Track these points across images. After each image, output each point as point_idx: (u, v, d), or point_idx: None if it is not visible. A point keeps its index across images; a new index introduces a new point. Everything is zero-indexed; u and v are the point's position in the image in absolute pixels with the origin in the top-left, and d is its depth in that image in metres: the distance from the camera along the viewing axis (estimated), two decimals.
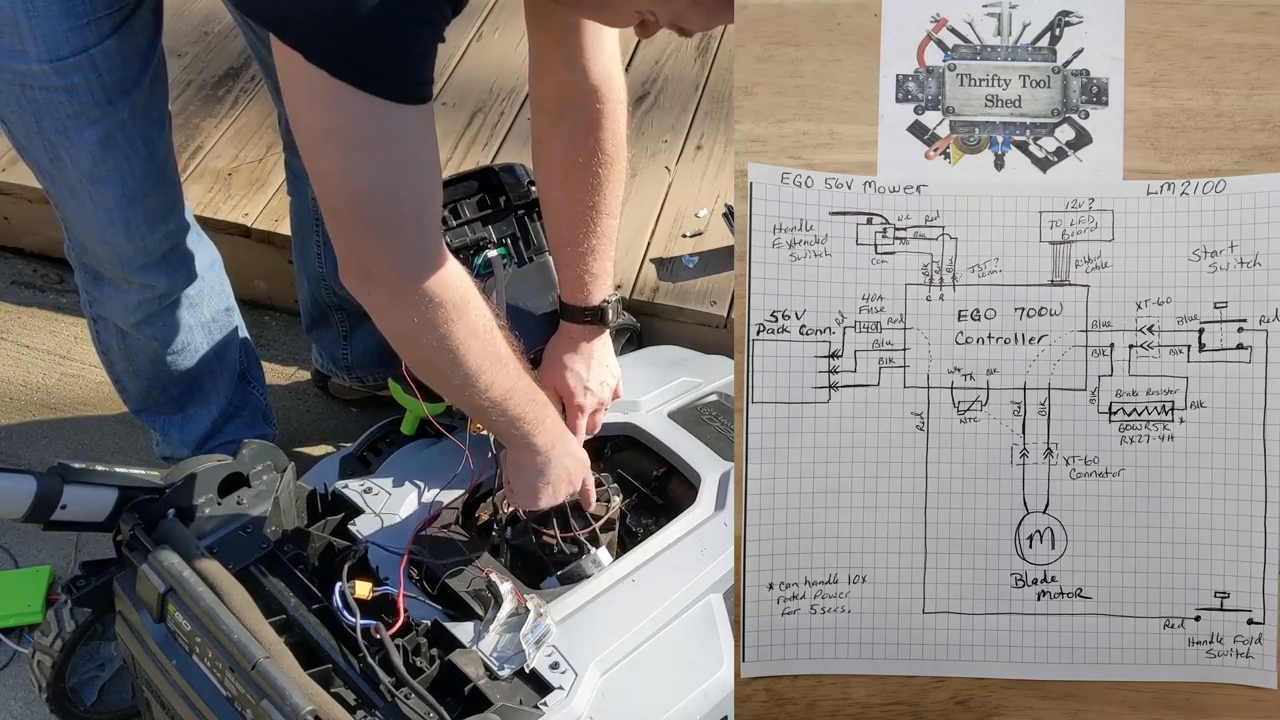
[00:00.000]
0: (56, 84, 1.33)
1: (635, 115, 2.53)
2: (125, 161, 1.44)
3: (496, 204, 1.66)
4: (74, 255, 1.60)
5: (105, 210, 1.47)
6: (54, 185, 1.47)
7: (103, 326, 1.67)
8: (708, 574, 1.45)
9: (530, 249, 1.66)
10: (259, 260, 2.08)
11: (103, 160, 1.42)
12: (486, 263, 1.61)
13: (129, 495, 1.34)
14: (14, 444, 2.05)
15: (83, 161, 1.41)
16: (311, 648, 1.26)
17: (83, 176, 1.43)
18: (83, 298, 1.67)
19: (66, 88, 1.34)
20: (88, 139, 1.39)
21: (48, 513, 1.29)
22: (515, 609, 1.32)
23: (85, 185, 1.44)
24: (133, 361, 1.70)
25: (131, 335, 1.65)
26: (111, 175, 1.44)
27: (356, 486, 1.50)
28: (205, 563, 1.25)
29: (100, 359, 1.74)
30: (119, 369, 1.73)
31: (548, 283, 1.63)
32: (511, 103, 2.54)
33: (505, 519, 1.49)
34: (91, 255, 1.56)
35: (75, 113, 1.37)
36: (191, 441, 1.79)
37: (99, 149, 1.41)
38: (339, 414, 2.14)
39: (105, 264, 1.55)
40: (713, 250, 2.20)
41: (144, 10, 1.39)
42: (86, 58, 1.33)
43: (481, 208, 1.65)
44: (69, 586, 1.40)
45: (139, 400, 1.78)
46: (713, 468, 1.58)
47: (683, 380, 1.78)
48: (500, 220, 1.65)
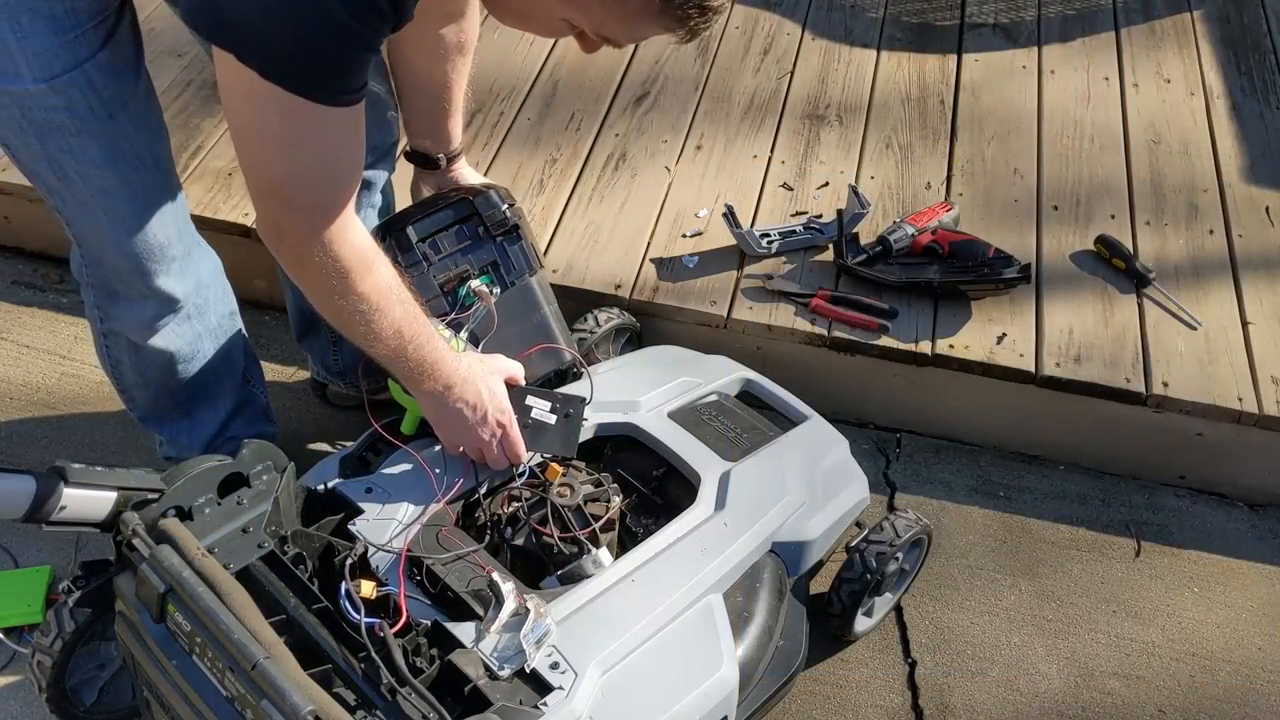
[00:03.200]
0: (56, 103, 1.34)
1: (635, 115, 2.54)
2: (133, 172, 1.44)
3: (475, 234, 1.67)
4: (87, 273, 1.59)
5: (121, 222, 1.47)
6: (64, 204, 1.46)
7: (114, 341, 1.66)
8: (708, 574, 1.46)
9: (511, 274, 1.68)
10: (259, 260, 2.07)
11: (111, 174, 1.42)
12: (470, 293, 1.63)
13: (128, 496, 1.34)
14: (14, 444, 2.05)
15: (92, 177, 1.41)
16: (311, 648, 1.26)
17: (94, 192, 1.43)
18: (93, 314, 1.66)
19: (66, 106, 1.34)
20: (93, 155, 1.39)
21: (47, 513, 1.29)
22: (515, 609, 1.32)
23: (97, 200, 1.44)
24: (144, 373, 1.70)
25: (145, 348, 1.65)
26: (122, 188, 1.44)
27: (356, 486, 1.50)
28: (205, 563, 1.24)
29: (108, 371, 1.73)
30: (128, 380, 1.73)
31: (530, 304, 1.68)
32: (511, 103, 2.54)
33: (505, 519, 1.49)
34: (109, 269, 1.55)
35: (78, 129, 1.37)
36: (199, 443, 1.80)
37: (106, 163, 1.41)
38: (339, 414, 2.14)
39: (123, 277, 1.55)
40: (712, 250, 2.20)
41: (125, 22, 1.39)
42: (81, 73, 1.33)
43: (460, 239, 1.67)
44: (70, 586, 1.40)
45: (146, 408, 1.78)
46: (713, 468, 1.58)
47: (683, 380, 1.78)
48: (479, 249, 1.67)
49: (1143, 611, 1.91)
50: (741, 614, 1.48)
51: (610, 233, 2.24)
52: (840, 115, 2.55)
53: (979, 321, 2.08)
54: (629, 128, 2.50)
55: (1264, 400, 1.98)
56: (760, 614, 1.50)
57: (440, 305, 1.64)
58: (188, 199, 1.65)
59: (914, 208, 2.29)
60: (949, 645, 1.84)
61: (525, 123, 2.50)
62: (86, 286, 1.61)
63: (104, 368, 1.74)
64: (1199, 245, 2.27)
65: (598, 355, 1.98)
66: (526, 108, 2.54)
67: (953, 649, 1.83)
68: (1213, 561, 1.99)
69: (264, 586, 1.32)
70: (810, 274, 2.16)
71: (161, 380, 1.71)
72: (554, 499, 1.49)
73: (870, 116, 2.55)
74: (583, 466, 1.57)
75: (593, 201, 2.32)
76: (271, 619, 1.23)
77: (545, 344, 1.69)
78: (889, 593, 1.83)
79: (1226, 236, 2.29)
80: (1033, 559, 1.98)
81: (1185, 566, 1.98)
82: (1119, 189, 2.38)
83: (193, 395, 1.76)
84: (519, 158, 2.41)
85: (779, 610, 1.53)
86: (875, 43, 2.78)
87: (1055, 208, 2.33)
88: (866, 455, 2.12)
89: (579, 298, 2.09)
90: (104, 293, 1.60)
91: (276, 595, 1.31)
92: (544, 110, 2.53)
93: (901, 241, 2.14)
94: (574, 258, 2.17)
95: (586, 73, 2.64)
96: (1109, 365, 2.02)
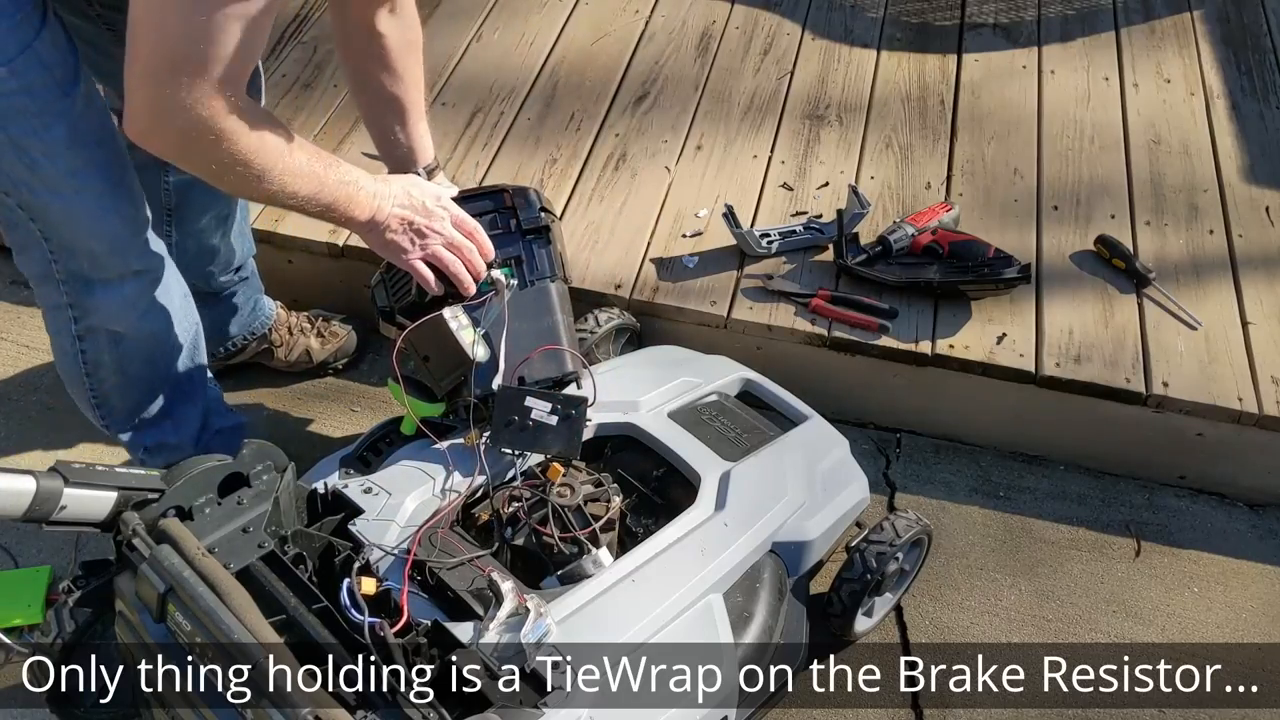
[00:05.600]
0: (15, 86, 1.35)
1: (635, 115, 2.54)
2: (97, 149, 1.46)
3: (506, 226, 1.66)
4: (58, 266, 1.57)
5: (94, 198, 1.48)
6: (34, 195, 1.47)
7: (93, 341, 1.65)
8: (708, 574, 1.46)
9: (533, 273, 1.66)
10: (258, 260, 2.08)
11: (78, 152, 1.43)
12: (489, 281, 1.62)
13: (128, 496, 1.33)
14: (14, 444, 2.05)
15: (60, 158, 1.42)
16: (311, 648, 1.26)
17: (63, 173, 1.44)
18: (62, 318, 1.63)
19: (25, 89, 1.35)
20: (57, 135, 1.40)
21: (47, 513, 1.29)
22: (515, 609, 1.32)
23: (68, 181, 1.45)
24: (125, 371, 1.69)
25: (128, 338, 1.64)
26: (89, 166, 1.46)
27: (356, 486, 1.50)
28: (205, 562, 1.24)
29: (80, 383, 1.70)
30: (108, 385, 1.71)
31: (544, 308, 1.65)
32: (511, 103, 2.54)
33: (506, 518, 1.49)
34: (83, 257, 1.55)
35: (39, 110, 1.38)
36: (188, 441, 1.80)
37: (71, 142, 1.42)
38: (339, 414, 2.14)
39: (99, 259, 1.55)
40: (712, 250, 2.20)
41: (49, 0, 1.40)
42: (32, 53, 1.34)
43: (492, 228, 1.65)
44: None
45: (126, 417, 1.76)
46: (713, 468, 1.58)
47: (683, 380, 1.78)
48: (508, 243, 1.65)
49: (1143, 611, 1.91)
50: (742, 614, 1.48)
51: (610, 233, 2.24)
52: (840, 115, 2.55)
53: (979, 321, 2.08)
54: (629, 128, 2.50)
55: (1264, 400, 1.98)
56: (760, 614, 1.50)
57: None
58: None
59: (914, 208, 2.29)
60: (949, 645, 1.84)
61: (525, 123, 2.50)
62: (54, 285, 1.60)
63: (74, 383, 1.71)
64: (1199, 245, 2.27)
65: (598, 355, 1.98)
66: (526, 108, 2.54)
67: (953, 649, 1.83)
68: (1213, 561, 1.99)
69: (264, 586, 1.32)
70: (810, 274, 2.16)
71: (143, 375, 1.70)
72: (554, 499, 1.49)
73: (870, 116, 2.55)
74: (583, 467, 1.57)
75: (593, 201, 2.32)
76: (271, 619, 1.23)
77: (551, 345, 1.68)
78: (889, 593, 1.83)
79: (1226, 236, 2.29)
80: (1033, 559, 1.98)
81: (1185, 566, 1.98)
82: (1119, 189, 2.38)
83: (172, 388, 1.75)
84: (519, 158, 2.41)
85: (779, 610, 1.53)
86: (875, 43, 2.78)
87: (1055, 208, 2.33)
88: (866, 455, 2.12)
89: (579, 298, 2.09)
90: (78, 285, 1.59)
91: (276, 595, 1.31)
92: (544, 110, 2.53)
93: (901, 241, 2.14)
94: (574, 258, 2.17)
95: (586, 73, 2.64)
96: (1109, 365, 2.02)
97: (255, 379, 2.18)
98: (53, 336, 1.68)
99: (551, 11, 2.83)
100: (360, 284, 2.13)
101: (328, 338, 2.17)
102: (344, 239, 2.18)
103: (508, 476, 1.54)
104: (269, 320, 2.10)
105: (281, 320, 2.13)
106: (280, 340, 2.12)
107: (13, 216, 1.51)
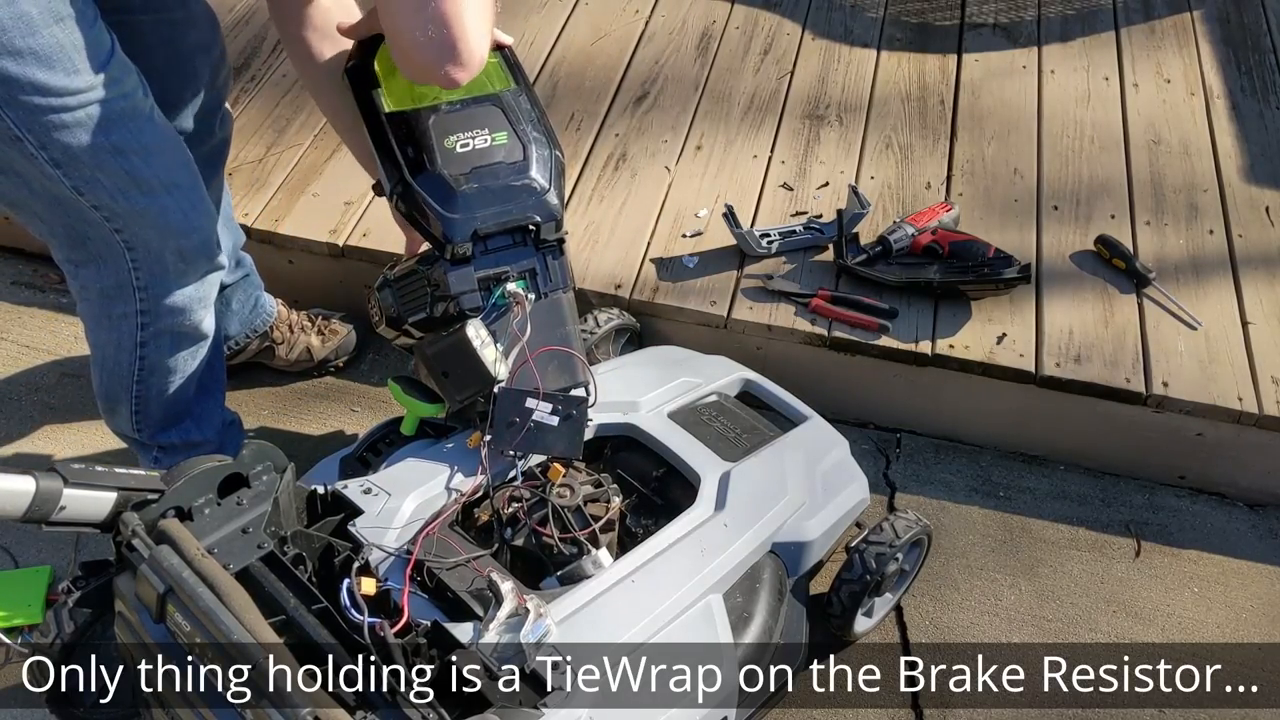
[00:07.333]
0: (115, 92, 1.35)
1: (635, 115, 2.54)
2: (179, 147, 1.48)
3: (524, 239, 1.65)
4: (138, 273, 1.54)
5: (185, 195, 1.50)
6: (129, 200, 1.45)
7: (155, 346, 1.63)
8: (708, 574, 1.45)
9: (547, 285, 1.65)
10: (258, 260, 2.08)
11: (167, 151, 1.45)
12: (504, 295, 1.61)
13: (128, 496, 1.33)
14: (14, 444, 2.05)
15: (154, 158, 1.43)
16: (311, 648, 1.26)
17: (158, 174, 1.44)
18: (130, 325, 1.61)
19: (121, 94, 1.36)
20: (150, 136, 1.42)
21: (47, 513, 1.29)
22: (515, 609, 1.32)
23: (164, 179, 1.46)
24: (177, 370, 1.68)
25: (187, 336, 1.65)
26: (176, 164, 1.48)
27: (356, 487, 1.50)
28: (205, 563, 1.24)
29: (126, 391, 1.68)
30: (153, 390, 1.69)
31: (557, 319, 1.64)
32: None
33: (505, 519, 1.49)
34: (170, 261, 1.54)
35: (134, 113, 1.39)
36: (213, 431, 1.81)
37: (160, 142, 1.44)
38: (339, 414, 2.14)
39: (189, 256, 1.55)
40: (712, 250, 2.20)
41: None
42: (117, 56, 1.36)
43: (511, 240, 1.64)
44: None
45: (159, 422, 1.76)
46: (713, 468, 1.58)
47: (683, 380, 1.78)
48: (523, 255, 1.64)
49: (1143, 611, 1.91)
50: (741, 614, 1.48)
51: (610, 233, 2.24)
52: (840, 115, 2.55)
53: (979, 321, 2.08)
54: (629, 128, 2.50)
55: (1264, 400, 1.98)
56: (760, 614, 1.50)
57: (475, 299, 1.62)
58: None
59: (914, 208, 2.29)
60: (949, 645, 1.84)
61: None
62: (128, 294, 1.57)
63: (118, 392, 1.69)
64: (1199, 245, 2.27)
65: (598, 355, 1.98)
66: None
67: (953, 649, 1.83)
68: (1213, 561, 1.99)
69: (263, 587, 1.32)
70: (810, 274, 2.16)
71: (188, 372, 1.70)
72: (554, 499, 1.49)
73: (870, 116, 2.55)
74: (583, 467, 1.57)
75: (593, 201, 2.32)
76: (271, 619, 1.23)
77: (566, 349, 1.66)
78: (889, 593, 1.83)
79: (1226, 236, 2.29)
80: (1033, 559, 1.98)
81: (1185, 566, 1.98)
82: (1119, 189, 2.38)
83: (204, 377, 1.76)
84: None
85: (779, 610, 1.53)
86: (875, 43, 2.78)
87: (1055, 208, 2.33)
88: (866, 455, 2.12)
89: (579, 298, 2.09)
90: (158, 289, 1.58)
91: (276, 595, 1.31)
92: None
93: (901, 241, 2.14)
94: (574, 258, 2.16)
95: (586, 73, 2.64)
96: (1109, 365, 2.02)
97: (255, 379, 2.18)
98: (104, 348, 1.65)
99: (551, 12, 2.83)
100: (360, 284, 2.14)
101: (328, 335, 2.17)
102: (344, 239, 2.18)
103: (508, 477, 1.54)
104: (270, 318, 2.10)
105: (283, 318, 2.13)
106: (281, 338, 2.12)
107: (91, 230, 1.49)
